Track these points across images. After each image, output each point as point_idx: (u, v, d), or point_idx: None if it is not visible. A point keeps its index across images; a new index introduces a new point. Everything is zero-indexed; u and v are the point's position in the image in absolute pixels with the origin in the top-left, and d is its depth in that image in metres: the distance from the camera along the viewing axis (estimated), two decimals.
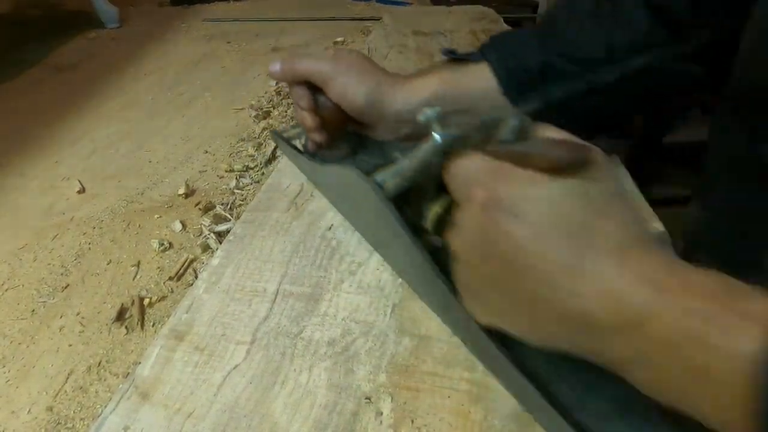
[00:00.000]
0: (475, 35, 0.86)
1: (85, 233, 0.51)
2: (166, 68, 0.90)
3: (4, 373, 0.38)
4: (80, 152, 0.66)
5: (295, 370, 0.31)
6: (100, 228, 0.51)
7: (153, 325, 0.39)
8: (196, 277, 0.42)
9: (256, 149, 0.59)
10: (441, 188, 0.27)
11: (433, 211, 0.28)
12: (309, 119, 0.40)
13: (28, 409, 0.35)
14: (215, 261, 0.40)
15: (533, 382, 0.25)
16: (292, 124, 0.55)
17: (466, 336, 0.31)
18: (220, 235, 0.46)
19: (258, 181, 0.54)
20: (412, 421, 0.27)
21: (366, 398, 0.29)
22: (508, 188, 0.22)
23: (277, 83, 0.74)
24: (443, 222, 0.28)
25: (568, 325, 0.21)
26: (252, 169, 0.56)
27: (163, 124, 0.70)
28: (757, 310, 0.17)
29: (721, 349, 0.17)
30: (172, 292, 0.42)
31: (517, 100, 0.38)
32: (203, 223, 0.48)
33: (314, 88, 0.40)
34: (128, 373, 0.35)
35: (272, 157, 0.57)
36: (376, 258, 0.38)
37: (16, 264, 0.48)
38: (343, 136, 0.42)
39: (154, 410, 0.30)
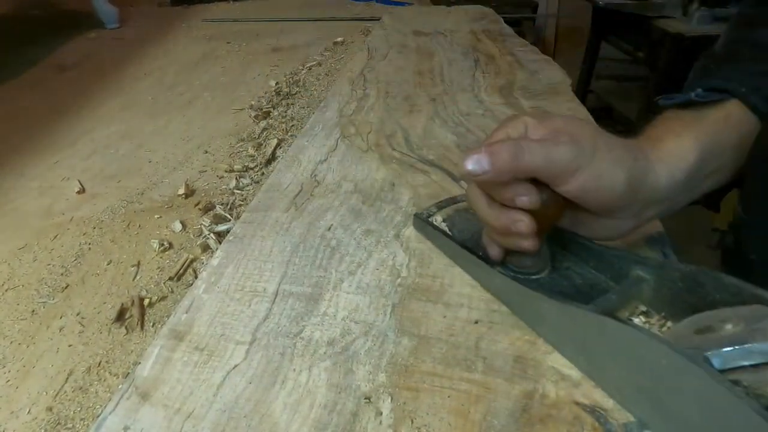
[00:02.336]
0: (475, 35, 0.86)
1: (85, 233, 0.51)
2: (166, 68, 0.90)
3: (4, 373, 0.38)
4: (80, 152, 0.66)
5: (294, 370, 0.31)
6: (100, 228, 0.51)
7: (153, 325, 0.39)
8: (196, 277, 0.42)
9: (256, 149, 0.59)
10: None
11: None
12: (526, 222, 0.29)
13: (28, 410, 0.35)
14: (215, 261, 0.40)
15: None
16: (436, 203, 0.41)
17: None
18: (220, 235, 0.46)
19: (258, 181, 0.54)
20: (412, 421, 0.27)
21: (366, 398, 0.29)
22: None
23: (276, 83, 0.74)
24: None
25: None
26: (252, 169, 0.56)
27: (163, 124, 0.70)
28: None
29: None
30: (172, 292, 0.42)
31: None
32: (203, 223, 0.48)
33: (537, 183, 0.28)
34: (128, 373, 0.35)
35: (272, 157, 0.57)
36: (376, 258, 0.38)
37: (16, 264, 0.48)
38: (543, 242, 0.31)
39: (154, 410, 0.30)
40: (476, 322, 0.32)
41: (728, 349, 0.21)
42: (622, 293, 0.29)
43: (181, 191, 0.53)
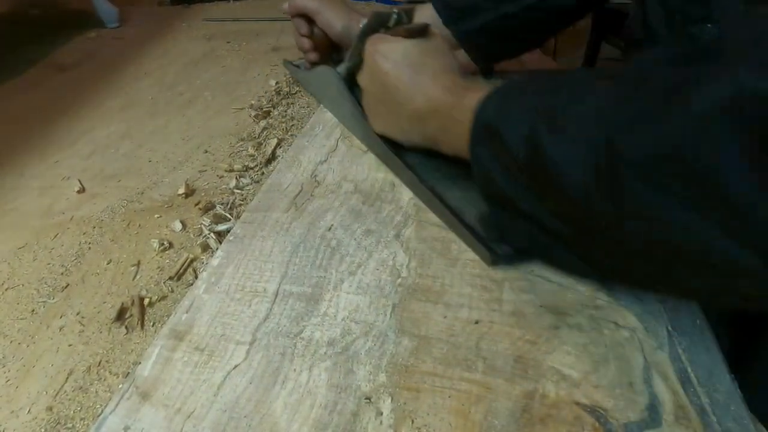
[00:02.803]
0: None
1: (85, 233, 0.51)
2: (166, 68, 0.90)
3: (4, 373, 0.38)
4: (80, 152, 0.66)
5: (295, 370, 0.31)
6: (100, 228, 0.51)
7: (153, 325, 0.39)
8: (196, 277, 0.42)
9: (256, 149, 0.59)
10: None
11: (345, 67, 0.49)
12: (306, 42, 0.58)
13: (28, 409, 0.35)
14: (215, 261, 0.40)
15: (410, 170, 0.42)
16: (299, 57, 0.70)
17: (374, 146, 0.48)
18: (220, 235, 0.46)
19: (258, 181, 0.54)
20: (412, 421, 0.27)
21: (366, 398, 0.29)
22: (383, 45, 0.41)
23: (277, 83, 0.74)
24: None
25: (411, 119, 0.39)
26: (252, 169, 0.56)
27: (163, 124, 0.70)
28: (484, 89, 0.33)
29: (463, 109, 0.33)
30: (172, 292, 0.42)
31: (457, 29, 0.51)
32: (203, 223, 0.48)
33: (310, 21, 0.57)
34: (128, 373, 0.35)
35: (272, 157, 0.57)
36: (377, 258, 0.38)
37: (16, 264, 0.48)
38: (329, 58, 0.60)
39: (154, 410, 0.30)
40: (477, 323, 0.32)
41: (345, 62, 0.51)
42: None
43: (181, 191, 0.53)
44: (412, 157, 0.43)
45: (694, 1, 0.35)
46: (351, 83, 0.49)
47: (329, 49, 0.59)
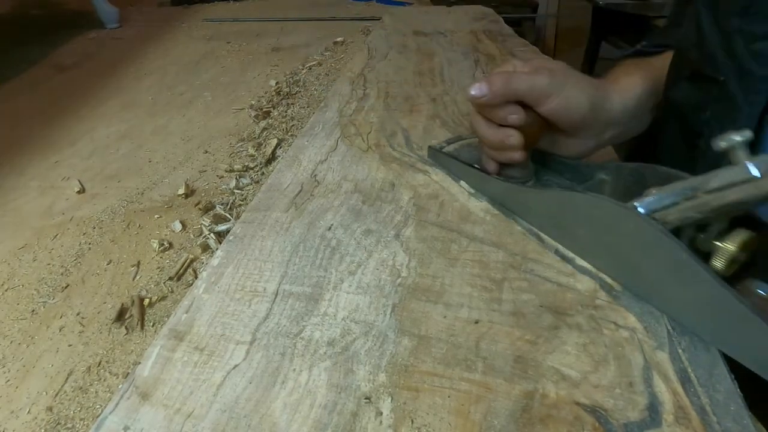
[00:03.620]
0: (475, 35, 0.86)
1: (85, 233, 0.51)
2: (166, 68, 0.90)
3: (4, 373, 0.38)
4: (80, 152, 0.66)
5: (294, 370, 0.31)
6: (100, 228, 0.51)
7: (153, 325, 0.39)
8: (196, 277, 0.42)
9: (256, 149, 0.59)
10: (732, 223, 0.27)
11: (728, 249, 0.27)
12: (517, 137, 0.38)
13: (27, 409, 0.35)
14: (215, 261, 0.40)
15: None
16: (446, 140, 0.52)
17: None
18: (220, 235, 0.46)
19: (258, 181, 0.54)
20: (412, 421, 0.27)
21: (366, 398, 0.29)
22: None
23: (276, 83, 0.74)
24: (735, 262, 0.27)
25: None
26: (252, 169, 0.56)
27: (163, 124, 0.70)
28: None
29: None
30: (172, 292, 0.42)
31: None
32: (203, 223, 0.48)
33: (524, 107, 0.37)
34: (128, 373, 0.35)
35: (272, 157, 0.57)
36: (376, 258, 0.38)
37: (15, 264, 0.48)
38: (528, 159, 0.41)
39: (154, 410, 0.30)
40: (476, 322, 0.32)
41: (648, 198, 0.30)
42: (588, 189, 0.38)
43: (181, 191, 0.53)
44: None
45: (753, 17, 0.32)
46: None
47: (536, 143, 0.41)
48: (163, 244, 0.46)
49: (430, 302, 0.34)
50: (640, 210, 0.30)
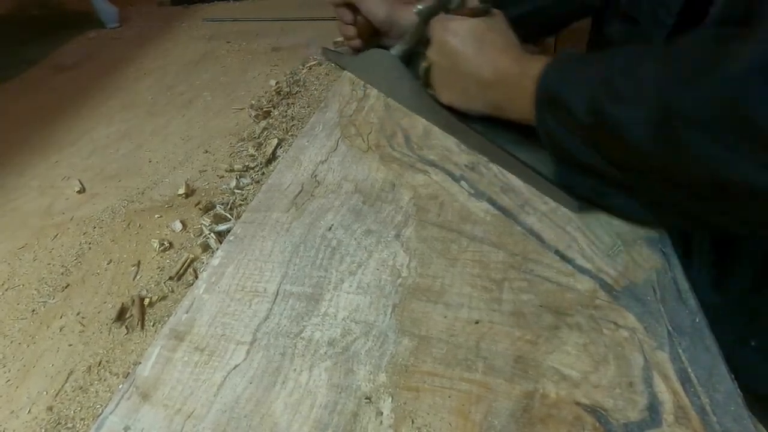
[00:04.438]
0: None
1: (85, 233, 0.51)
2: (166, 68, 0.90)
3: (4, 373, 0.38)
4: (80, 152, 0.66)
5: (295, 370, 0.31)
6: (100, 228, 0.51)
7: (153, 325, 0.39)
8: (197, 277, 0.42)
9: (256, 149, 0.59)
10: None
11: (421, 67, 0.50)
12: (351, 30, 0.63)
13: (28, 409, 0.35)
14: (215, 261, 0.40)
15: (479, 134, 0.46)
16: (335, 42, 0.81)
17: (439, 117, 0.52)
18: (221, 235, 0.46)
19: (258, 181, 0.54)
20: (412, 421, 0.27)
21: (366, 398, 0.29)
22: (452, 23, 0.45)
23: (277, 83, 0.74)
24: (427, 72, 0.50)
25: (479, 88, 0.44)
26: (252, 169, 0.56)
27: (163, 124, 0.70)
28: (544, 60, 0.37)
29: (527, 78, 0.37)
30: (173, 292, 0.42)
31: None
32: (203, 223, 0.48)
33: (354, 10, 0.61)
34: (128, 373, 0.35)
35: (272, 157, 0.57)
36: (377, 258, 0.38)
37: (16, 264, 0.48)
38: (370, 45, 0.64)
39: (154, 410, 0.30)
40: (477, 323, 0.32)
41: (398, 45, 0.56)
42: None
43: (182, 191, 0.53)
44: (477, 126, 0.47)
45: None
46: (406, 63, 0.54)
47: (371, 36, 0.63)
48: (163, 244, 0.46)
49: (430, 302, 0.34)
50: (392, 51, 0.55)
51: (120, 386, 0.32)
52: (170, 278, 0.43)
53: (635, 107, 0.29)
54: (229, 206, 0.50)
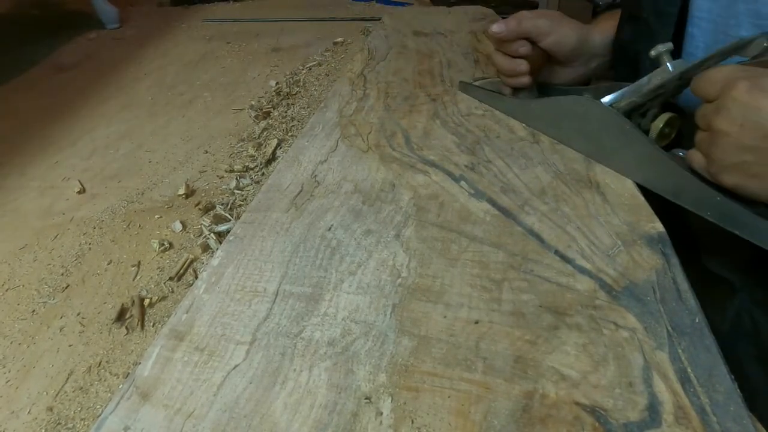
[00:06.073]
0: (475, 36, 0.86)
1: (85, 233, 0.51)
2: (166, 68, 0.90)
3: (4, 373, 0.38)
4: (80, 152, 0.66)
5: (295, 370, 0.31)
6: (101, 228, 0.51)
7: (153, 326, 0.40)
8: (196, 278, 0.42)
9: (256, 149, 0.59)
10: (662, 107, 0.41)
11: (657, 125, 0.41)
12: (525, 65, 0.52)
13: (28, 410, 0.35)
14: (215, 261, 0.40)
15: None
16: (475, 77, 0.67)
17: (706, 207, 0.37)
18: (220, 236, 0.46)
19: (258, 182, 0.54)
20: (412, 421, 0.27)
21: (366, 398, 0.29)
22: (766, 80, 0.31)
23: (276, 83, 0.74)
24: (663, 135, 0.41)
25: None
26: (252, 169, 0.56)
27: (163, 124, 0.70)
28: None
29: None
30: (173, 292, 0.42)
31: None
32: (203, 223, 0.48)
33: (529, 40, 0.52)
34: (128, 373, 0.35)
35: (272, 158, 0.57)
36: (377, 258, 0.38)
37: (16, 264, 0.48)
38: (534, 82, 0.55)
39: (154, 410, 0.30)
40: (476, 323, 0.32)
41: (612, 96, 0.43)
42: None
43: (182, 191, 0.53)
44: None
45: None
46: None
47: (539, 72, 0.54)
48: (163, 244, 0.46)
49: (430, 302, 0.34)
50: (604, 101, 0.43)
51: (120, 386, 0.32)
52: (170, 278, 0.43)
53: None
54: (229, 206, 0.50)
